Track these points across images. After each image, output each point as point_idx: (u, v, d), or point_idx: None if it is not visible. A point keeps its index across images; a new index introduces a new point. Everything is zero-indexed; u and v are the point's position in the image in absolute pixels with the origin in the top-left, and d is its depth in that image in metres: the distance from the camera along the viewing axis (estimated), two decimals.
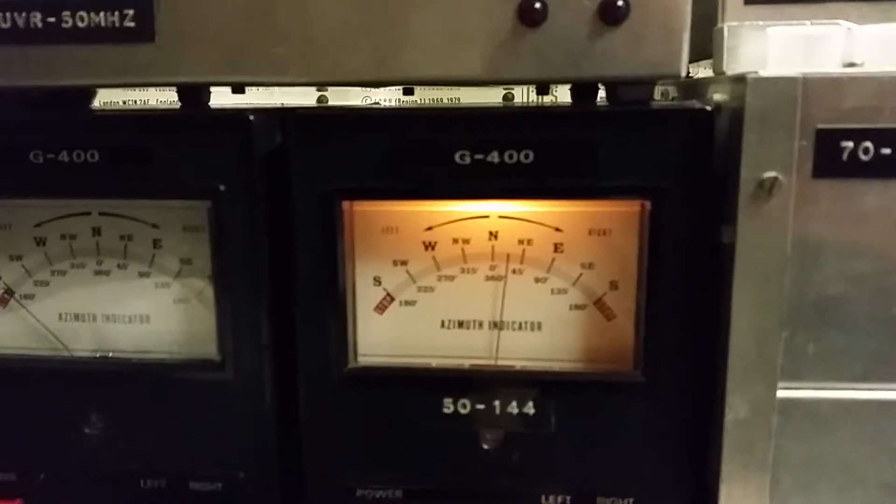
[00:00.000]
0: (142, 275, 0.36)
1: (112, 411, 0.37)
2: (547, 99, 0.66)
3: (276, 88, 0.60)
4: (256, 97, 0.62)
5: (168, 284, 0.36)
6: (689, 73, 0.47)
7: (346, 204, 0.34)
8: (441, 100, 0.78)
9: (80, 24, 0.32)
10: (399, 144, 0.32)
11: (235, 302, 0.34)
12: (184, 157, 0.33)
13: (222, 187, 0.33)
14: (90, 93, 0.42)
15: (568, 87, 0.40)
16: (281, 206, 0.34)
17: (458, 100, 0.75)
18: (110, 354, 0.37)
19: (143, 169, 0.34)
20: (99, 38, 0.32)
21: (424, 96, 0.80)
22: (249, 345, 0.35)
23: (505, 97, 0.74)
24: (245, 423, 0.36)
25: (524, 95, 0.73)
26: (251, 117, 0.33)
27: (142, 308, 0.37)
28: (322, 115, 0.34)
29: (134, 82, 0.34)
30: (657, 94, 0.49)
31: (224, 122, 0.34)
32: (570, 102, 0.41)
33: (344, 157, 0.33)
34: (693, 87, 0.40)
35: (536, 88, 0.42)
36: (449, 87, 0.71)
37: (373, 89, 0.74)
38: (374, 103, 0.77)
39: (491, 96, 0.72)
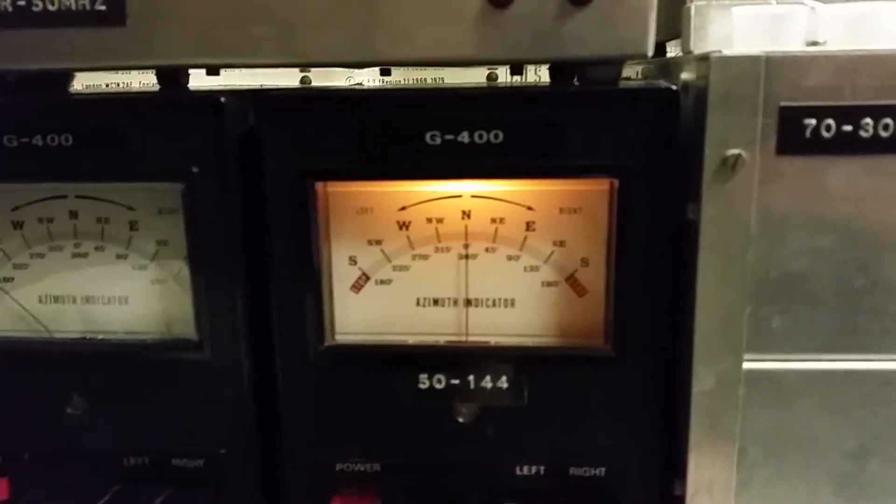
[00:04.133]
0: (119, 257, 0.37)
1: (93, 391, 0.37)
2: (531, 78, 0.66)
3: (259, 70, 0.60)
4: (238, 79, 0.62)
5: (145, 266, 0.37)
6: (666, 52, 0.47)
7: (319, 185, 0.34)
8: (425, 80, 0.78)
9: (50, 8, 0.32)
10: (370, 125, 0.33)
11: (211, 283, 0.35)
12: (157, 139, 0.34)
13: (195, 169, 0.34)
14: (68, 76, 0.42)
15: (547, 67, 0.41)
16: (255, 188, 0.34)
17: (443, 80, 0.74)
18: (88, 336, 0.38)
19: (116, 152, 0.34)
20: (70, 21, 0.32)
21: (409, 76, 0.80)
22: (226, 325, 0.35)
23: (489, 77, 0.73)
24: (224, 401, 0.36)
25: (508, 76, 0.72)
26: (223, 99, 0.33)
27: (120, 290, 0.37)
28: (294, 97, 0.34)
29: (107, 66, 0.34)
30: (635, 74, 0.49)
31: (196, 105, 0.34)
32: (549, 82, 0.41)
33: (316, 139, 0.33)
34: (668, 67, 0.40)
35: (510, 68, 0.42)
36: (433, 68, 0.71)
37: (356, 70, 0.74)
38: (357, 84, 0.77)
39: (475, 76, 0.71)
